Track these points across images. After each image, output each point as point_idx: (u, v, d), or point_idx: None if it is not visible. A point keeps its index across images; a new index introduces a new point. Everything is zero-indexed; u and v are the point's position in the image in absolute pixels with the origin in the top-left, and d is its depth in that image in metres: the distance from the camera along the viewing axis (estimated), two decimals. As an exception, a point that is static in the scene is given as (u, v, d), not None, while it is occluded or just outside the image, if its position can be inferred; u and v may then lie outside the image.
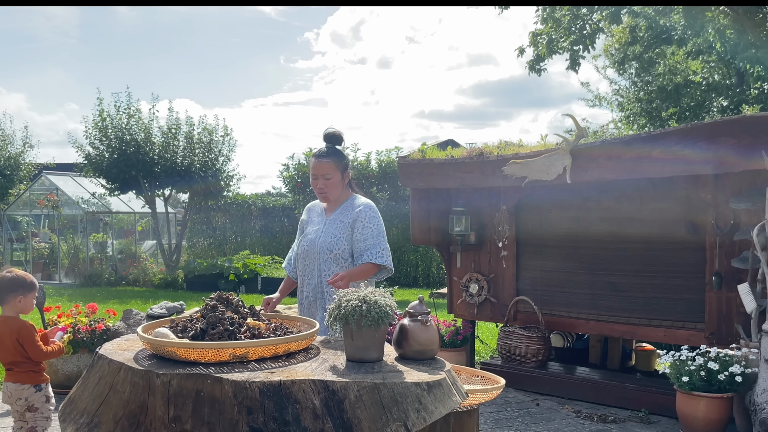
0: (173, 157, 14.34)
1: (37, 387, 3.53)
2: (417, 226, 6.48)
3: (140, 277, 14.89)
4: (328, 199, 3.42)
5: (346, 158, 3.45)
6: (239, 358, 2.12)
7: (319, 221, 3.47)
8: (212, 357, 2.10)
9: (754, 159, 4.34)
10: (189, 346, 2.11)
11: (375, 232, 3.31)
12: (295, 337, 2.24)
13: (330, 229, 3.37)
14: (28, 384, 3.50)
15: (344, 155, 3.44)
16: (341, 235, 3.34)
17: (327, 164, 3.34)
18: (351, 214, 3.37)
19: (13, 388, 3.49)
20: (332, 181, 3.36)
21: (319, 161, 3.36)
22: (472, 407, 3.07)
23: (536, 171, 5.33)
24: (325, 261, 3.33)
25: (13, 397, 3.50)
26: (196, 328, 2.28)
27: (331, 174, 3.35)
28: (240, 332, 2.27)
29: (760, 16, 9.53)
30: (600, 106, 17.02)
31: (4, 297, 3.51)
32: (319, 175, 3.36)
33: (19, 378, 3.49)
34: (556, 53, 11.69)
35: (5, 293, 3.50)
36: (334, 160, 3.35)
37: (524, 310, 6.03)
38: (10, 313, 3.52)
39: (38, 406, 3.54)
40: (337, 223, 3.37)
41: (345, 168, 3.41)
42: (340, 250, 3.32)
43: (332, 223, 3.39)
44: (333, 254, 3.31)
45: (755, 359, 4.29)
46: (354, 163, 13.29)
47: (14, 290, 3.50)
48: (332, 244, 3.32)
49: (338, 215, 3.40)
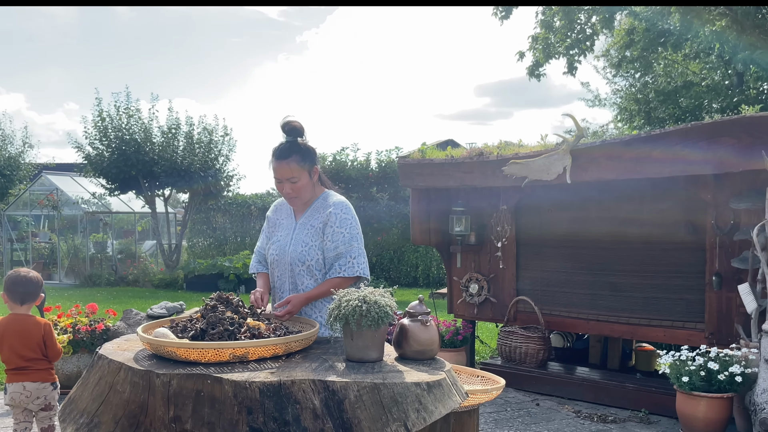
0: (173, 157, 14.34)
1: (54, 384, 3.59)
2: (417, 226, 6.48)
3: (140, 277, 14.89)
4: (298, 204, 2.97)
5: (312, 151, 2.92)
6: (239, 358, 2.12)
7: (287, 225, 3.02)
8: (212, 357, 2.10)
9: (754, 159, 4.34)
10: (189, 346, 2.11)
11: (346, 237, 2.85)
12: (295, 338, 2.24)
13: (300, 235, 2.92)
14: (48, 382, 3.54)
15: (308, 149, 2.91)
16: (312, 243, 2.88)
17: (290, 165, 2.84)
18: (321, 216, 2.91)
19: (33, 388, 3.50)
20: (300, 184, 2.87)
21: (280, 163, 2.84)
22: (472, 407, 3.07)
23: (536, 171, 5.33)
24: (299, 274, 2.89)
25: (32, 396, 3.50)
26: (196, 328, 2.28)
27: (296, 176, 2.85)
28: (240, 332, 2.27)
29: (759, 17, 9.53)
30: (600, 106, 17.04)
31: (35, 295, 3.58)
32: (283, 179, 2.87)
33: (39, 376, 3.52)
34: (553, 58, 11.75)
35: (37, 291, 3.58)
36: (297, 159, 2.84)
37: (524, 310, 6.03)
38: (29, 312, 3.57)
39: (54, 404, 3.58)
40: (307, 229, 2.92)
41: (312, 164, 2.90)
42: (313, 261, 2.87)
43: (302, 228, 2.94)
44: (306, 266, 2.87)
45: (755, 359, 4.29)
46: (354, 163, 13.27)
47: (40, 288, 3.63)
48: (303, 254, 2.87)
49: (308, 218, 2.95)
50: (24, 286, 3.52)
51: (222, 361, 2.11)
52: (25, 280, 3.53)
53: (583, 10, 11.29)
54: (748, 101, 11.40)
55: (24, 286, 3.52)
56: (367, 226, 12.75)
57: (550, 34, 11.54)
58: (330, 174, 12.92)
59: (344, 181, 12.85)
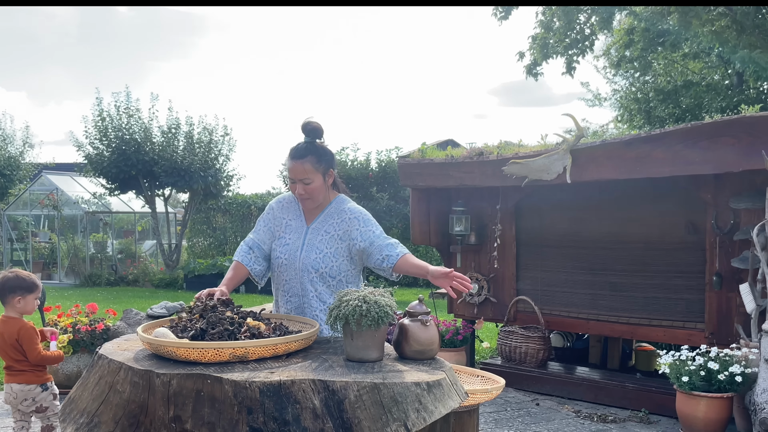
0: (173, 156, 14.34)
1: (44, 386, 3.55)
2: (417, 226, 6.48)
3: (140, 277, 14.89)
4: (311, 206, 2.92)
5: (329, 154, 2.88)
6: (239, 358, 2.12)
7: (297, 227, 2.94)
8: (212, 357, 2.10)
9: (754, 159, 4.34)
10: (189, 345, 2.10)
11: (379, 232, 2.85)
12: (295, 337, 2.24)
13: (314, 241, 2.87)
14: (34, 384, 3.51)
15: (325, 152, 2.87)
16: (328, 250, 2.84)
17: (305, 166, 2.80)
18: (339, 224, 2.86)
19: (18, 390, 3.49)
20: (313, 186, 2.82)
21: (295, 163, 2.81)
22: (472, 407, 3.07)
23: (536, 171, 5.33)
24: (311, 280, 2.84)
25: (19, 398, 3.50)
26: (196, 328, 2.27)
27: (311, 177, 2.81)
28: (240, 332, 2.27)
29: (758, 17, 9.53)
30: (600, 105, 17.04)
31: (3, 297, 3.51)
32: (297, 179, 2.82)
33: (24, 378, 3.50)
34: (551, 57, 11.78)
35: (5, 293, 3.51)
36: (313, 160, 2.80)
37: (524, 310, 6.03)
38: (11, 313, 3.53)
39: (47, 405, 3.55)
40: (322, 235, 2.87)
41: (327, 167, 2.86)
42: (328, 268, 2.83)
43: (315, 233, 2.88)
44: (319, 273, 2.83)
45: (755, 359, 4.29)
46: (354, 163, 13.27)
47: (13, 291, 3.51)
48: (317, 261, 2.83)
49: (322, 224, 2.90)
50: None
51: (222, 361, 2.11)
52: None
53: (582, 11, 11.31)
54: (748, 101, 11.39)
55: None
56: (367, 226, 12.71)
57: (548, 33, 11.56)
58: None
59: (344, 180, 12.83)
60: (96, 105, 14.44)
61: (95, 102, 14.41)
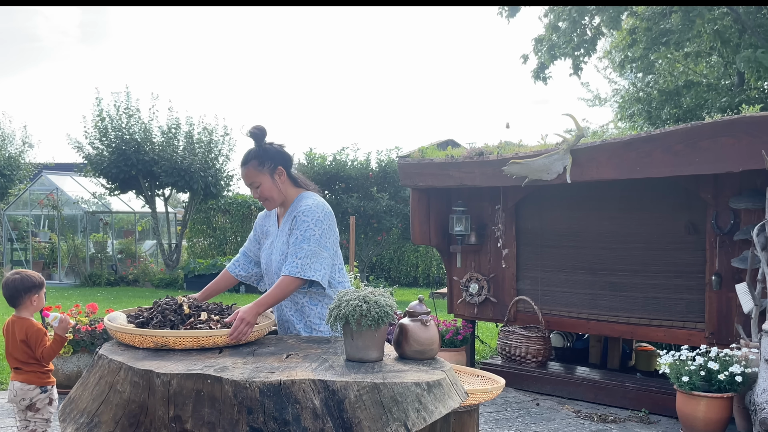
0: (173, 156, 14.32)
1: (43, 388, 3.55)
2: (417, 226, 6.48)
3: (140, 277, 14.89)
4: (272, 207, 2.94)
5: (273, 153, 2.87)
6: (161, 346, 2.33)
7: (273, 232, 2.99)
8: (139, 342, 2.35)
9: (754, 159, 4.34)
10: (123, 330, 2.39)
11: (299, 239, 2.74)
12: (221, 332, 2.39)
13: (277, 243, 2.91)
14: (34, 385, 3.52)
15: (268, 151, 2.87)
16: (287, 250, 2.84)
17: (249, 171, 2.85)
18: (291, 222, 2.85)
19: (18, 387, 3.51)
20: (263, 187, 2.85)
21: (242, 170, 2.89)
22: (472, 407, 3.07)
23: (536, 171, 5.33)
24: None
25: (18, 396, 3.52)
26: (144, 317, 2.56)
27: (258, 180, 2.84)
28: (185, 324, 2.48)
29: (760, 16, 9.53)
30: (600, 105, 17.02)
31: (20, 298, 3.54)
32: (248, 185, 2.90)
33: (26, 378, 3.51)
34: (559, 59, 11.72)
35: (21, 294, 3.54)
36: (255, 164, 2.83)
37: (524, 310, 6.03)
38: (25, 313, 3.56)
39: (40, 407, 3.55)
40: (284, 236, 2.87)
41: (274, 166, 2.86)
42: None
43: (281, 235, 2.90)
44: None
45: (755, 359, 4.29)
46: (354, 163, 13.26)
47: (29, 290, 3.55)
48: (279, 262, 2.85)
49: (285, 224, 2.90)
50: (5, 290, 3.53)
51: (149, 347, 2.32)
52: (4, 285, 3.54)
53: (589, 11, 11.27)
54: (750, 101, 11.39)
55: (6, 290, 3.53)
56: (367, 226, 12.75)
57: (554, 35, 11.51)
58: (330, 174, 12.91)
59: (344, 180, 12.83)
60: (95, 105, 14.43)
61: (95, 102, 14.41)
